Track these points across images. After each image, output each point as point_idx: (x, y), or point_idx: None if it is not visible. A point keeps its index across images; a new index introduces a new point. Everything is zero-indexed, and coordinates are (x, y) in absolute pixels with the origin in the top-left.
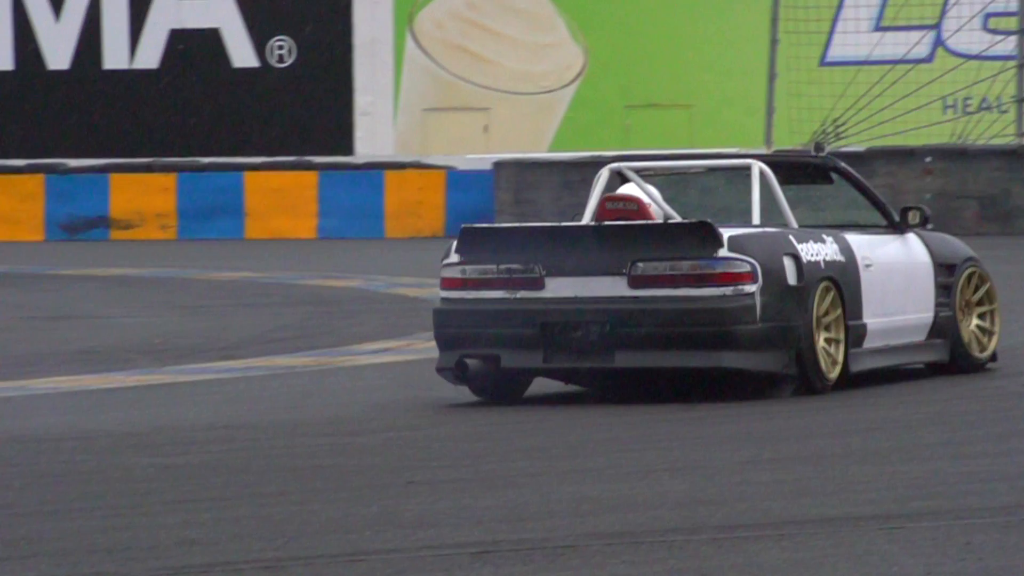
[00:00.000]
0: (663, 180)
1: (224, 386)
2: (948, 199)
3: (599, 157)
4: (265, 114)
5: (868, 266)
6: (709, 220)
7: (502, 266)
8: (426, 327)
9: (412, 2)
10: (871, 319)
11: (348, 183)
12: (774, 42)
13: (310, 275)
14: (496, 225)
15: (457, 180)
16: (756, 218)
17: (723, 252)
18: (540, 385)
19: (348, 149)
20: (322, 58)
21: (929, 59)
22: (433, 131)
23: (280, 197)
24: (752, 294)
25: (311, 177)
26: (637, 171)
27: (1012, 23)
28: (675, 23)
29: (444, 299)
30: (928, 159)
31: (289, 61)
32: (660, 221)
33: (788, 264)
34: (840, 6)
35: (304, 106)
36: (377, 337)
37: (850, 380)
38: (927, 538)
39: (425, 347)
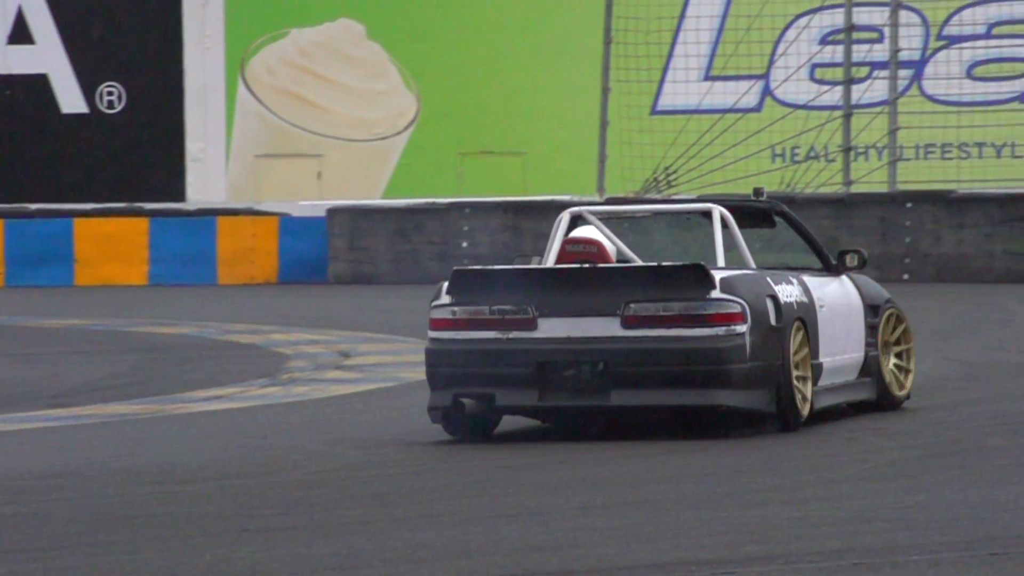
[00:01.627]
0: (613, 224)
1: (54, 434)
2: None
3: (433, 204)
4: (96, 160)
5: (822, 307)
6: (702, 263)
7: (494, 307)
8: (259, 374)
9: (244, 48)
10: (825, 358)
11: (180, 229)
12: (605, 91)
13: (142, 322)
14: (488, 267)
15: (290, 227)
16: (720, 260)
17: (716, 293)
18: (368, 429)
19: (180, 195)
20: (153, 104)
21: (758, 108)
22: (266, 177)
23: (111, 244)
24: (743, 334)
25: (142, 224)
26: (596, 215)
27: (838, 74)
28: (508, 71)
29: (434, 339)
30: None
31: (119, 107)
32: (640, 263)
33: (770, 305)
34: (670, 55)
35: (135, 152)
36: (210, 384)
37: (684, 427)
38: None
39: (259, 394)
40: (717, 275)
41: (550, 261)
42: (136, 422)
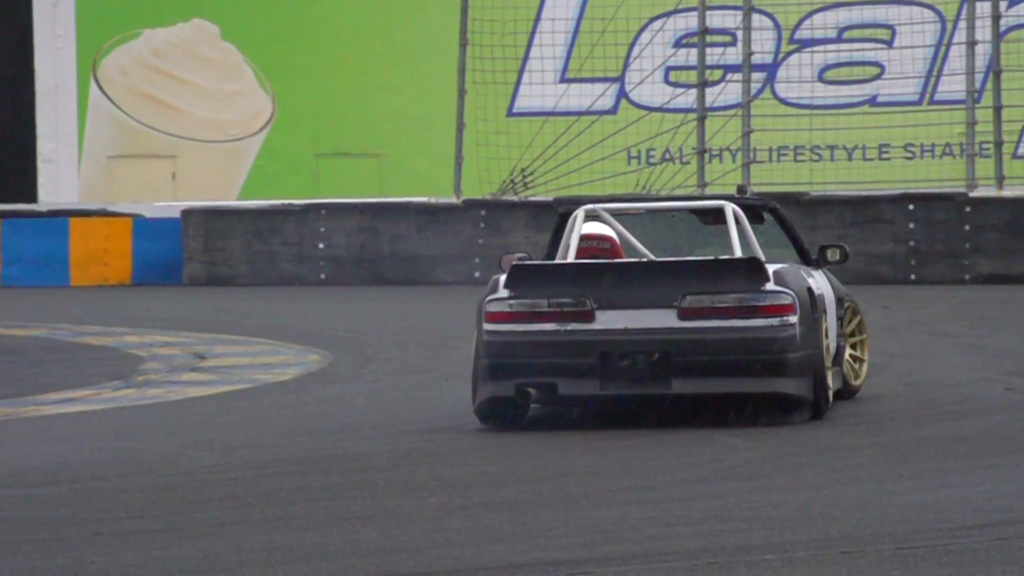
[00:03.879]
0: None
1: None
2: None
3: (289, 205)
4: None
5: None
6: (757, 256)
7: (553, 300)
8: (113, 376)
9: (96, 49)
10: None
11: (32, 231)
12: (462, 92)
13: None
14: (546, 263)
15: (144, 228)
16: (738, 255)
17: (770, 286)
18: (223, 431)
19: (31, 196)
20: (4, 105)
21: (613, 110)
22: (119, 178)
23: None
24: (794, 324)
25: None
26: (610, 211)
27: (692, 76)
28: (364, 73)
29: (491, 331)
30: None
31: None
32: (696, 258)
33: (808, 296)
34: (526, 57)
35: None
36: (63, 387)
37: (531, 425)
38: None
39: (113, 396)
40: (770, 268)
41: (570, 256)
42: None
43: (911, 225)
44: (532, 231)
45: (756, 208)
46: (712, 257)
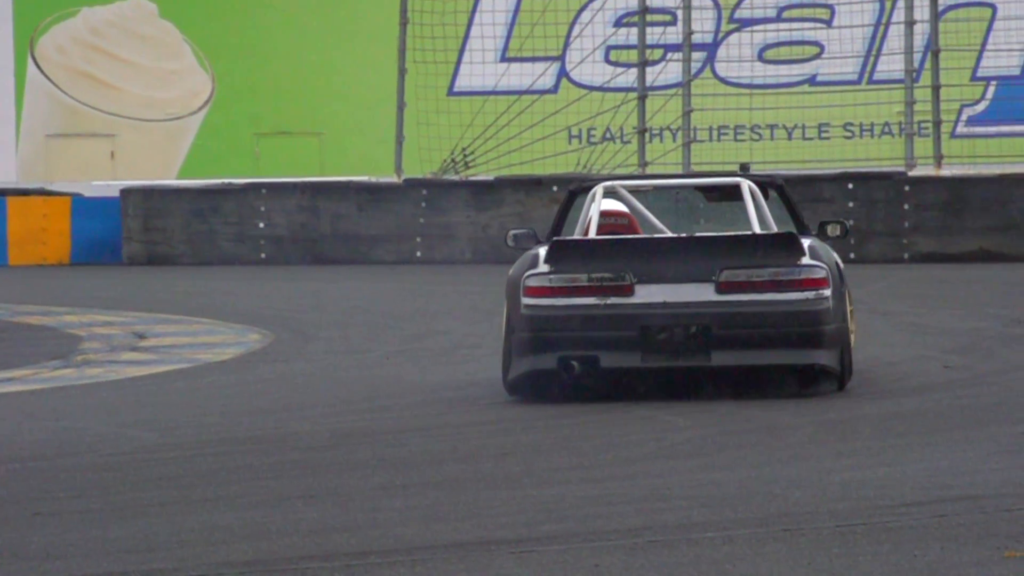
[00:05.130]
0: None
1: None
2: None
3: (229, 184)
4: None
5: None
6: (794, 232)
7: (593, 275)
8: (52, 355)
9: (33, 27)
10: None
11: None
12: (402, 71)
13: None
14: (586, 238)
15: (83, 207)
16: (757, 230)
17: (805, 260)
18: (163, 411)
19: None
20: None
21: (554, 90)
22: (57, 157)
23: None
24: (828, 297)
25: None
26: (627, 188)
27: (633, 56)
28: (304, 51)
29: (530, 306)
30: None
31: None
32: (734, 232)
33: (837, 270)
34: (466, 36)
35: None
36: (1, 367)
37: (471, 405)
38: (557, 561)
39: (52, 376)
40: (804, 243)
41: (591, 232)
42: None
43: (850, 204)
44: (473, 210)
45: (763, 185)
46: (749, 232)
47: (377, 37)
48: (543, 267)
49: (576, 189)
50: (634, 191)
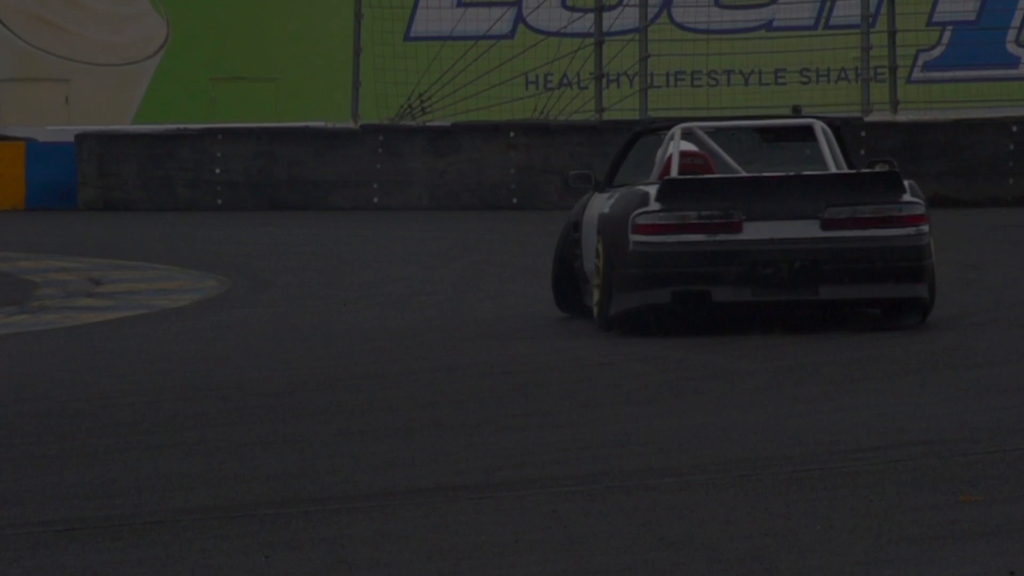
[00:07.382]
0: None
1: None
2: (532, 173)
3: (185, 129)
4: None
5: None
6: (896, 170)
7: (703, 212)
8: (7, 301)
9: None
10: None
11: None
12: (358, 16)
13: None
14: (697, 177)
15: (37, 152)
16: (832, 169)
17: (906, 197)
18: (120, 357)
19: None
20: None
21: (511, 35)
22: (10, 102)
23: None
24: (927, 233)
25: None
26: (704, 130)
27: (590, 1)
28: None
29: (640, 242)
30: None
31: None
32: (838, 171)
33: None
34: None
35: None
36: None
37: (428, 352)
38: (515, 507)
39: (7, 322)
40: (904, 181)
41: (673, 172)
42: None
43: (807, 150)
44: (430, 156)
45: (808, 128)
46: (854, 171)
47: None
48: (654, 205)
49: (642, 131)
50: (712, 131)
